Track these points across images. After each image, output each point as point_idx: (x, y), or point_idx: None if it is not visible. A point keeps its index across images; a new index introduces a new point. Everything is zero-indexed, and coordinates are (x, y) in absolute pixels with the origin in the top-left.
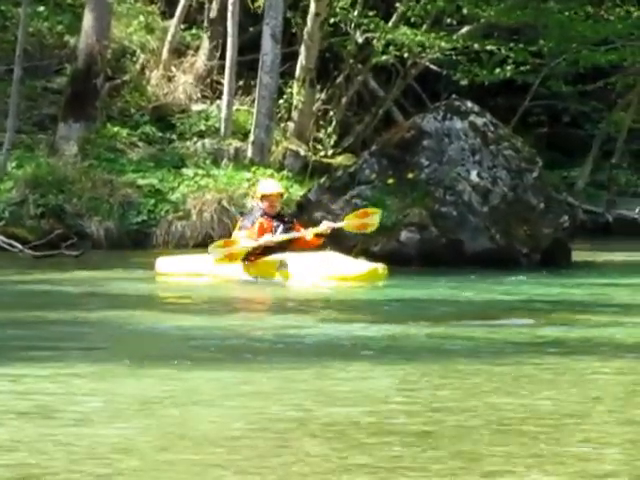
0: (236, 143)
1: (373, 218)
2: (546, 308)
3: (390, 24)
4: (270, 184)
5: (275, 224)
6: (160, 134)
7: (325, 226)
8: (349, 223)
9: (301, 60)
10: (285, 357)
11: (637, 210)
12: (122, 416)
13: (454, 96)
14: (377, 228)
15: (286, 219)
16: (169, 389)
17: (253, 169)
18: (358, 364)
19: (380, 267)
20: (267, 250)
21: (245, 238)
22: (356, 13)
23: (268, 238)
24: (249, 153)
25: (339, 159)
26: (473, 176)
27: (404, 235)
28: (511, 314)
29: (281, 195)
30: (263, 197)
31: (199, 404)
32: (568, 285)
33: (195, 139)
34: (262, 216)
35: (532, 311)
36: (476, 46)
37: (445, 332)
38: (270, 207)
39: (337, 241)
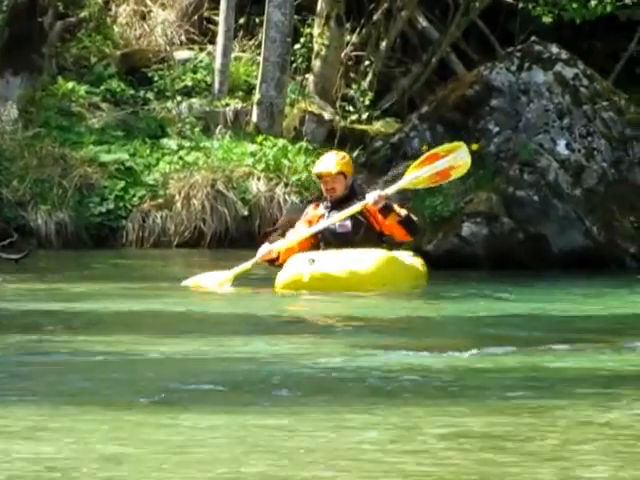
0: (235, 104)
1: (458, 156)
2: None
3: None
4: (321, 160)
5: (324, 212)
6: (131, 92)
7: (373, 197)
8: (417, 178)
9: None
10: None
11: None
12: None
13: (534, 38)
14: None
15: (338, 206)
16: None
17: (259, 139)
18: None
19: (311, 272)
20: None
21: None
22: None
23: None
24: (254, 117)
25: (377, 125)
26: (561, 147)
27: (467, 228)
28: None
29: (341, 174)
30: (318, 177)
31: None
32: None
33: (179, 98)
34: (323, 202)
35: None
36: None
37: (533, 362)
38: (325, 191)
39: (368, 235)
